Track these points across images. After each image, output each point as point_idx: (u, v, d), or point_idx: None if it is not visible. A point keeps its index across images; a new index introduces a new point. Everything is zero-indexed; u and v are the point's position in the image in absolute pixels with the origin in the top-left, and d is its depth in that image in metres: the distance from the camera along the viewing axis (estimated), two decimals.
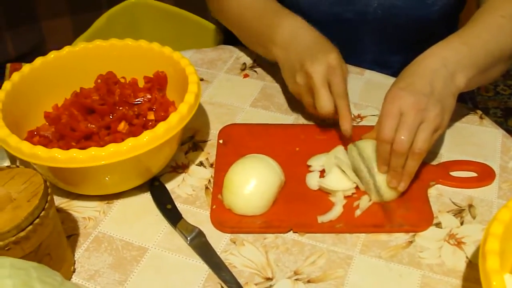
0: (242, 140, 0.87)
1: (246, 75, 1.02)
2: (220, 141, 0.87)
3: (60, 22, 1.51)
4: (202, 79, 1.01)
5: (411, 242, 0.73)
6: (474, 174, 0.81)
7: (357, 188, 0.78)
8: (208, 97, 0.97)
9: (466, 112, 0.92)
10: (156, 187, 0.80)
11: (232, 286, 0.68)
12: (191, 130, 0.90)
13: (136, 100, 0.87)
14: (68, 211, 0.78)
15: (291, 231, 0.74)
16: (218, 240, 0.74)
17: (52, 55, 0.87)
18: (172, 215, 0.76)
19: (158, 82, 0.88)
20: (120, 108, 0.84)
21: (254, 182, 0.75)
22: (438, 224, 0.75)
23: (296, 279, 0.69)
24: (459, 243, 0.73)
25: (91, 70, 0.89)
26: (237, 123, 0.91)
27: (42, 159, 0.70)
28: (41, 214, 0.62)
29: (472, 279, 0.68)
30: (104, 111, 0.82)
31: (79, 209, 0.78)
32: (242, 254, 0.72)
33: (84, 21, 1.42)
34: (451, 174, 0.81)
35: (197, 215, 0.77)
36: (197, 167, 0.84)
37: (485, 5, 0.86)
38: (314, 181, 0.79)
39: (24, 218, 0.60)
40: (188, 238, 0.73)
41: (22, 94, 0.83)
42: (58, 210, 0.78)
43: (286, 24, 0.89)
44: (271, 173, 0.77)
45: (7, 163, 0.80)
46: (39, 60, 0.86)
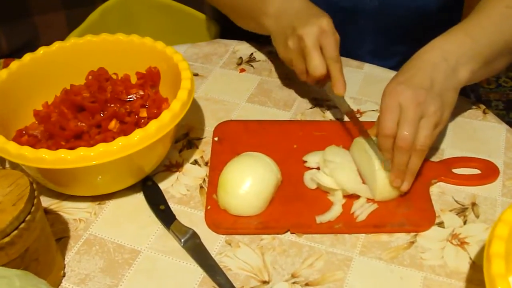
0: (238, 137, 0.85)
1: (242, 70, 0.99)
2: (216, 138, 0.85)
3: (54, 16, 1.48)
4: (197, 74, 0.98)
5: (412, 242, 0.70)
6: (477, 171, 0.79)
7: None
8: (203, 92, 0.95)
9: (469, 106, 0.89)
10: (149, 187, 0.78)
11: None
12: (185, 127, 0.87)
13: (129, 97, 0.84)
14: (58, 213, 0.76)
15: (288, 232, 0.72)
16: (213, 242, 0.71)
17: (41, 51, 0.84)
18: (166, 216, 0.74)
19: (150, 78, 0.86)
20: (112, 105, 0.81)
21: (250, 181, 0.73)
22: (441, 224, 0.72)
23: (293, 282, 0.66)
24: (462, 244, 0.70)
25: (82, 66, 0.87)
26: (233, 119, 0.89)
27: (29, 160, 0.67)
28: (27, 218, 0.59)
29: (476, 281, 0.66)
30: (94, 109, 0.80)
31: (69, 210, 0.76)
32: (238, 256, 0.70)
33: (78, 15, 1.39)
34: (454, 171, 0.78)
35: (191, 216, 0.75)
36: (191, 165, 0.82)
37: None
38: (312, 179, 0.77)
39: (9, 222, 0.58)
40: (182, 240, 0.71)
41: (10, 91, 0.80)
42: (48, 212, 0.76)
43: None
44: (267, 171, 0.74)
45: None
46: (28, 56, 0.83)
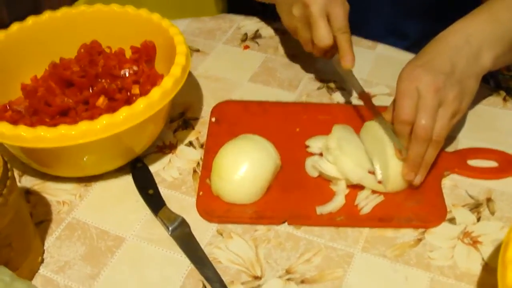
0: (237, 119, 0.79)
1: (246, 47, 0.93)
2: (213, 119, 0.79)
3: None
4: (198, 50, 0.92)
5: (420, 240, 0.64)
6: (494, 164, 0.72)
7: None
8: (203, 70, 0.89)
9: (488, 93, 0.82)
10: (138, 169, 0.73)
11: (215, 285, 0.60)
12: (182, 105, 0.82)
13: (122, 72, 0.78)
14: (42, 194, 0.71)
15: (285, 223, 0.66)
16: (204, 231, 0.66)
17: (30, 21, 0.79)
18: (154, 202, 0.68)
19: (146, 53, 0.80)
20: (102, 80, 0.76)
21: (245, 166, 0.67)
22: (452, 220, 0.66)
23: (288, 279, 0.61)
24: (474, 243, 0.64)
25: (75, 38, 0.82)
26: (233, 99, 0.83)
27: (6, 137, 0.62)
28: None
29: (489, 286, 0.60)
30: (83, 84, 0.74)
31: (53, 191, 0.71)
32: (229, 248, 0.64)
33: None
34: (469, 163, 0.72)
35: (182, 201, 0.69)
36: (186, 147, 0.76)
37: None
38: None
39: None
40: (170, 228, 0.65)
41: None
42: (31, 193, 0.71)
43: None
44: (265, 156, 0.69)
45: None
46: (15, 26, 0.78)
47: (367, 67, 0.88)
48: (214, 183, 0.69)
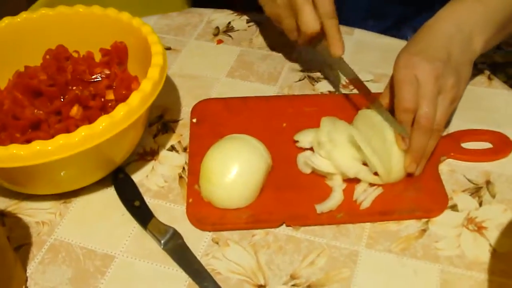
0: (219, 118, 0.75)
1: (219, 41, 0.89)
2: (194, 120, 0.75)
3: None
4: (169, 48, 0.88)
5: (424, 230, 0.62)
6: (488, 145, 0.71)
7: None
8: (177, 68, 0.84)
9: (473, 72, 0.80)
10: (121, 180, 0.68)
11: None
12: (159, 108, 0.78)
13: (93, 77, 0.74)
14: (18, 216, 0.66)
15: (284, 225, 0.63)
16: (198, 241, 0.62)
17: None
18: (141, 214, 0.64)
19: (117, 55, 0.75)
20: (73, 88, 0.71)
21: (236, 169, 0.63)
22: (454, 207, 0.64)
23: (293, 285, 0.58)
24: (479, 228, 0.62)
25: (39, 44, 0.76)
26: (212, 97, 0.79)
27: None
28: None
29: (498, 272, 0.58)
30: (53, 93, 0.69)
31: (30, 212, 0.66)
32: (227, 256, 0.61)
33: None
34: (463, 146, 0.70)
35: (171, 211, 0.65)
36: (168, 152, 0.72)
37: None
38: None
39: None
40: (162, 241, 0.61)
41: None
42: (5, 215, 0.66)
43: None
44: (255, 156, 0.65)
45: None
46: None
47: (346, 53, 0.84)
48: (204, 189, 0.65)
